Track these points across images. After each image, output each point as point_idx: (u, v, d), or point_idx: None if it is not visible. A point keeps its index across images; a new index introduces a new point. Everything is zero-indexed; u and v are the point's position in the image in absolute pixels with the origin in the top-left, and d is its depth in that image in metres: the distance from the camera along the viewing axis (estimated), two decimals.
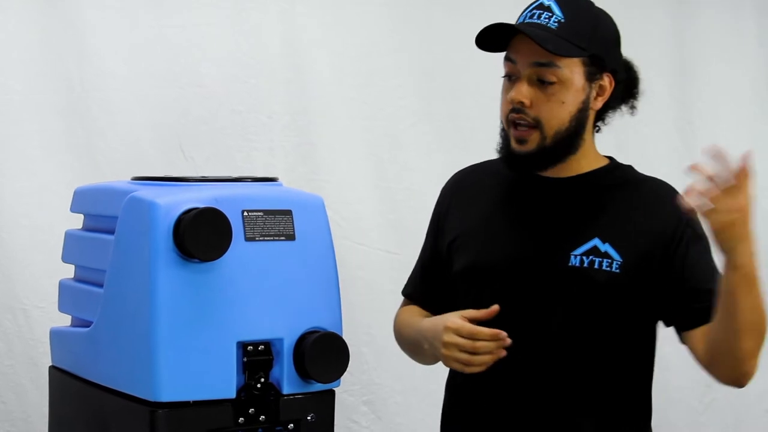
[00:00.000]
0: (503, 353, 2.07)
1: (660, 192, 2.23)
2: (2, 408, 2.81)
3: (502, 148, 2.21)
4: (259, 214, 1.98)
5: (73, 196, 2.25)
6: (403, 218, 3.37)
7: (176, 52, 3.05)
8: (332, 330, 2.01)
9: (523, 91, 2.14)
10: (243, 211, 1.96)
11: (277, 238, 1.99)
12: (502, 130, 2.22)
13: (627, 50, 2.29)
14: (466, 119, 3.47)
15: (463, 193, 2.35)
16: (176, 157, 3.02)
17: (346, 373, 2.03)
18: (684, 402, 4.03)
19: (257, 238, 1.97)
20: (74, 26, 2.91)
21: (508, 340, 2.06)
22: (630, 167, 2.29)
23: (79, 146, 2.92)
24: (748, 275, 1.98)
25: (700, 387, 4.06)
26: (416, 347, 2.25)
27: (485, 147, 2.35)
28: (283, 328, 1.98)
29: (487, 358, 2.07)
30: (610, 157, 2.29)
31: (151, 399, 1.90)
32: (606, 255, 2.14)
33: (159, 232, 1.91)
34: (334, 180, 3.24)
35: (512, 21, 2.18)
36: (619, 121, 2.25)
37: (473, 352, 2.07)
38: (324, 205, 2.07)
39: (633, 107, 2.30)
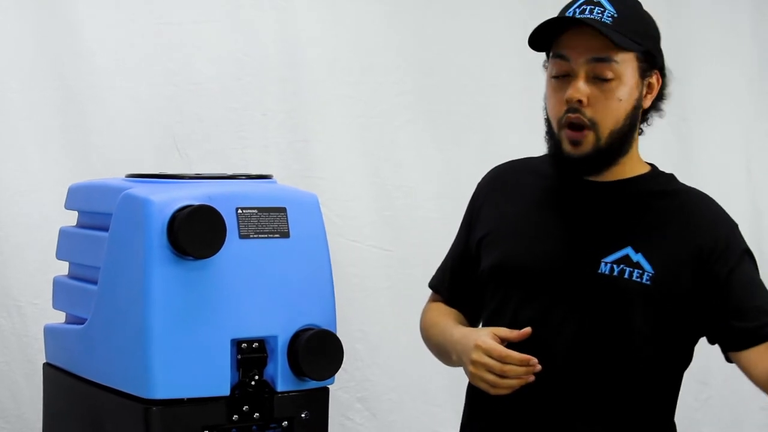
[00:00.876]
0: (531, 378, 2.02)
1: (700, 204, 2.15)
2: None
3: (553, 152, 2.12)
4: (254, 211, 1.98)
5: (68, 193, 2.25)
6: (398, 215, 3.38)
7: (171, 50, 3.05)
8: (326, 327, 2.01)
9: (582, 89, 2.05)
10: (237, 209, 1.96)
11: (271, 235, 1.99)
12: (549, 131, 2.13)
13: None
14: (462, 116, 3.47)
15: (499, 190, 2.28)
16: (171, 154, 3.02)
17: (340, 370, 2.02)
18: (679, 399, 4.03)
19: (251, 236, 1.97)
20: (69, 24, 2.92)
21: (538, 366, 2.01)
22: (672, 176, 2.21)
23: (73, 143, 2.92)
24: None
25: (696, 384, 4.07)
26: (443, 353, 2.22)
27: (480, 145, 2.37)
28: (278, 326, 1.97)
29: (515, 383, 2.03)
30: (651, 164, 2.22)
31: (145, 396, 1.89)
32: (637, 265, 2.08)
33: (153, 229, 1.91)
34: (328, 177, 3.24)
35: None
36: None
37: (502, 375, 2.03)
38: (318, 202, 2.07)
39: (660, 110, 2.22)
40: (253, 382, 1.96)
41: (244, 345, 1.95)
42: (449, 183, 3.38)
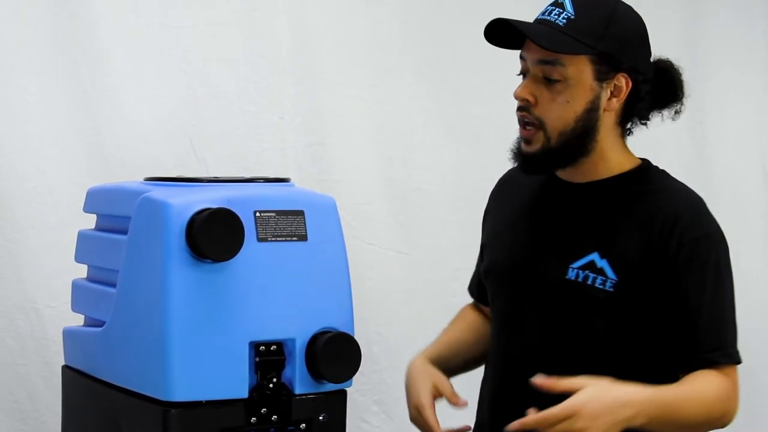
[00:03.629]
0: None
1: (673, 206, 2.12)
2: (15, 407, 2.82)
3: (514, 149, 2.18)
4: (272, 214, 1.98)
5: (86, 196, 2.26)
6: (414, 218, 3.38)
7: (187, 53, 3.05)
8: (344, 330, 2.02)
9: (529, 89, 2.10)
10: (255, 212, 1.97)
11: (289, 238, 1.99)
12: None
13: None
14: (477, 119, 3.47)
15: (501, 197, 2.35)
16: (187, 157, 3.02)
17: (357, 373, 2.03)
18: None
19: (269, 239, 1.98)
20: (86, 27, 2.92)
21: None
22: (660, 173, 2.21)
23: (90, 146, 2.92)
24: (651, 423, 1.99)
25: None
26: None
27: (496, 147, 2.36)
28: (296, 329, 1.98)
29: None
30: (643, 160, 2.22)
31: (164, 399, 1.90)
32: (601, 272, 2.09)
33: (172, 232, 1.91)
34: (344, 180, 3.24)
35: (529, 18, 2.16)
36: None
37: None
38: (336, 205, 2.07)
39: (677, 111, 2.22)
40: (271, 385, 1.96)
41: (262, 347, 1.95)
42: (465, 185, 3.38)
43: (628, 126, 2.19)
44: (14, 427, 2.82)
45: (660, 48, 3.93)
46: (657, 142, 3.92)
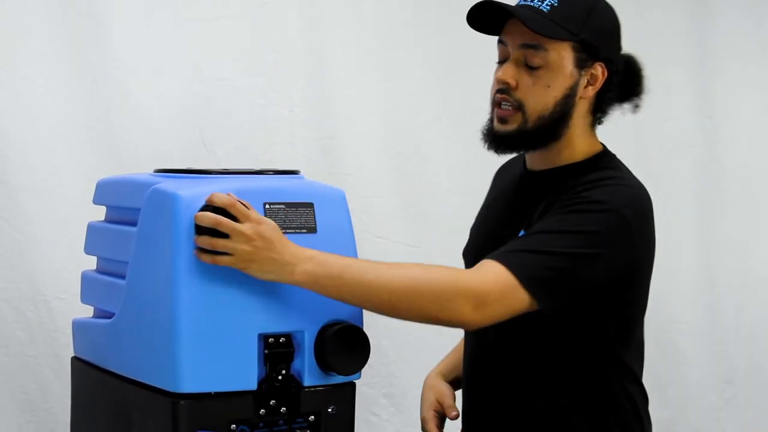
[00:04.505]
0: None
1: (593, 189, 2.11)
2: (24, 398, 2.82)
3: (484, 129, 2.21)
4: (281, 206, 1.98)
5: (96, 188, 2.26)
6: (423, 212, 3.38)
7: (198, 46, 3.06)
8: (353, 322, 2.02)
9: (510, 72, 2.13)
10: (265, 204, 1.97)
11: (298, 230, 1.99)
12: (491, 113, 2.21)
13: (647, 47, 2.28)
14: (486, 113, 3.46)
15: (493, 186, 2.42)
16: (198, 150, 3.02)
17: (366, 365, 2.03)
18: (703, 398, 4.03)
19: None
20: (97, 20, 2.92)
21: None
22: (609, 161, 2.20)
23: (100, 139, 2.93)
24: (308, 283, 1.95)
25: (720, 383, 4.07)
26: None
27: None
28: (305, 321, 1.98)
29: None
30: (602, 150, 2.23)
31: (173, 390, 1.91)
32: None
33: (181, 224, 1.92)
34: (354, 174, 3.25)
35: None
36: (639, 116, 2.23)
37: None
38: (345, 198, 2.07)
39: (637, 105, 2.25)
40: (280, 377, 1.97)
41: (271, 339, 1.95)
42: (475, 179, 3.35)
43: (598, 116, 2.22)
44: (23, 418, 2.82)
45: (670, 45, 3.95)
46: (667, 137, 3.95)
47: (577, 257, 2.03)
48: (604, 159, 2.21)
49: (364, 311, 2.03)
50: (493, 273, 2.01)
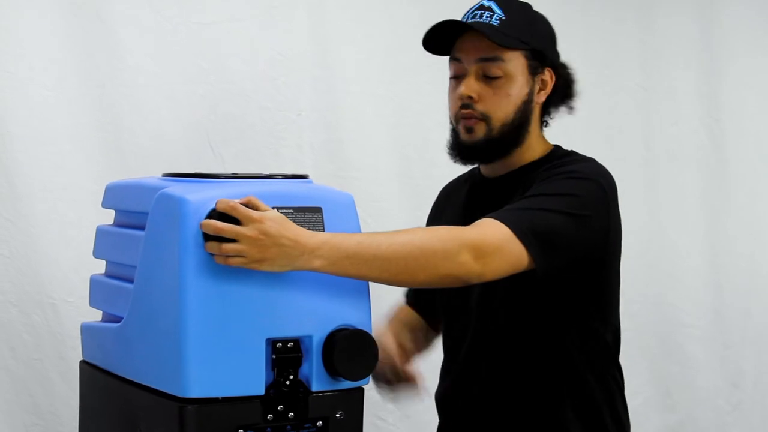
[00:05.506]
0: None
1: (555, 170, 2.23)
2: (30, 401, 2.82)
3: (451, 143, 2.31)
4: (290, 211, 1.98)
5: (105, 191, 2.26)
6: None
7: (205, 49, 3.06)
8: (361, 327, 2.01)
9: (472, 86, 2.24)
10: (273, 208, 1.96)
11: None
12: (452, 129, 2.31)
13: (655, 51, 2.29)
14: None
15: (442, 203, 2.52)
16: (205, 153, 3.02)
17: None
18: (710, 402, 4.02)
19: None
20: (104, 23, 2.92)
21: None
22: (565, 154, 2.32)
23: (108, 142, 2.93)
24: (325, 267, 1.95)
25: (727, 387, 4.06)
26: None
27: None
28: (313, 326, 1.98)
29: None
30: (554, 146, 2.35)
31: (180, 395, 1.90)
32: None
33: (189, 228, 1.91)
34: (362, 177, 3.24)
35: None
36: (647, 120, 2.26)
37: None
38: (354, 202, 2.07)
39: (571, 107, 2.36)
40: (287, 382, 1.96)
41: (279, 344, 1.95)
42: None
43: (545, 118, 2.34)
44: (30, 421, 2.82)
45: (677, 48, 3.95)
46: (674, 139, 3.94)
47: (568, 216, 2.13)
48: (562, 150, 2.33)
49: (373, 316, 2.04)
50: (490, 227, 2.08)
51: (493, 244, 2.05)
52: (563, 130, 2.41)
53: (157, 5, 3.00)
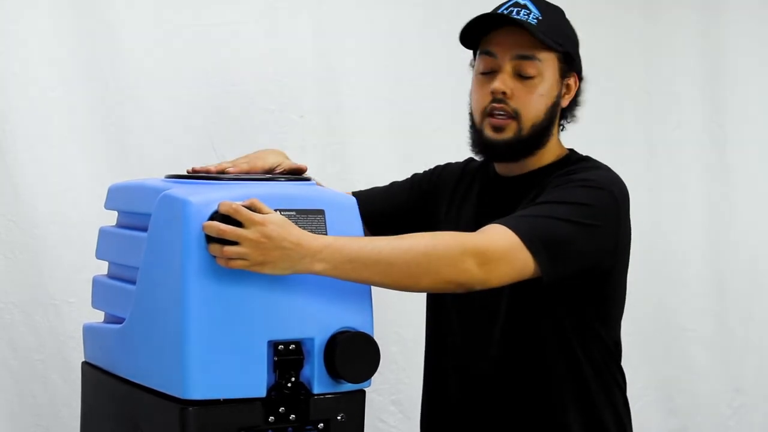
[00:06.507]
0: None
1: (567, 177, 2.22)
2: (32, 402, 2.82)
3: (475, 140, 2.28)
4: (292, 213, 1.98)
5: (108, 193, 2.26)
6: None
7: (208, 51, 3.06)
8: (363, 330, 2.01)
9: (507, 82, 2.22)
10: (276, 211, 1.96)
11: None
12: (472, 124, 2.29)
13: (658, 54, 2.30)
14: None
15: (449, 186, 2.45)
16: (208, 155, 3.02)
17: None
18: (712, 406, 4.02)
19: None
20: (107, 24, 2.92)
21: None
22: (580, 159, 2.31)
23: (111, 144, 2.93)
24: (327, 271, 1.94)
25: (729, 392, 4.05)
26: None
27: None
28: (314, 328, 1.98)
29: None
30: (569, 150, 2.34)
31: (182, 396, 1.90)
32: None
33: (191, 229, 1.91)
34: (364, 179, 3.23)
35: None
36: (650, 124, 2.27)
37: None
38: (356, 205, 2.07)
39: (574, 115, 2.36)
40: (289, 384, 1.96)
41: (280, 347, 1.95)
42: None
43: (562, 123, 2.34)
44: (31, 421, 2.82)
45: (680, 52, 3.94)
46: (677, 144, 3.94)
47: (577, 225, 2.11)
48: (577, 154, 2.32)
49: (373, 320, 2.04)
50: (497, 233, 2.07)
51: (498, 251, 2.04)
52: (567, 135, 2.40)
53: (161, 7, 3.00)
